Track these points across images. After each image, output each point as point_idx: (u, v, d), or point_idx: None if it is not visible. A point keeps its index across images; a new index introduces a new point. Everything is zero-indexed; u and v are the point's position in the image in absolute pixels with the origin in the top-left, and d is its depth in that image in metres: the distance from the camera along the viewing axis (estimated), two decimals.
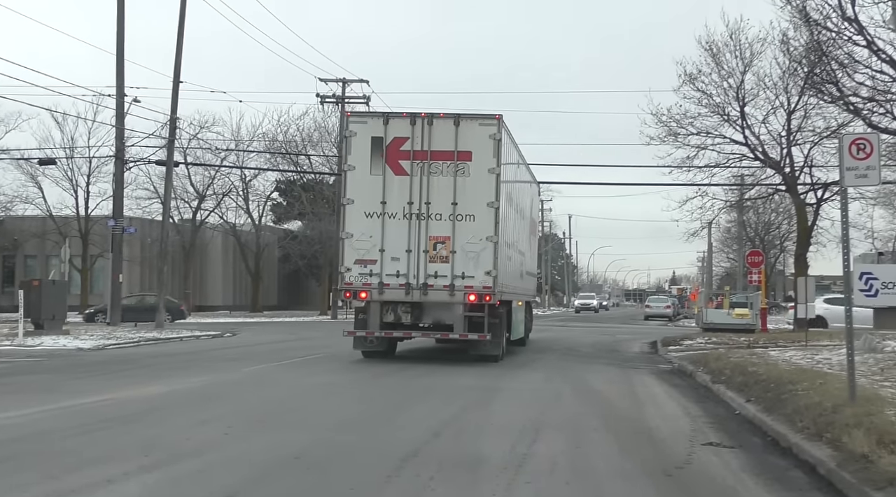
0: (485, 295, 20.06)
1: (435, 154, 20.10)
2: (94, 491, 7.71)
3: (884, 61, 23.57)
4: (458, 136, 20.10)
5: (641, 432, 11.59)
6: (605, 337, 36.53)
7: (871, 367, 16.45)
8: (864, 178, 11.75)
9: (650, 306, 68.82)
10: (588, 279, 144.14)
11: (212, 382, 16.28)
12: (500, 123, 20.23)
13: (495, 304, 20.45)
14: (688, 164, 36.25)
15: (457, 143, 20.10)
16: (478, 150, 20.05)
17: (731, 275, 76.71)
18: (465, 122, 20.23)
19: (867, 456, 8.44)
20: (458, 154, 20.09)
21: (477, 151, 20.05)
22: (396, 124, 20.29)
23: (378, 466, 8.79)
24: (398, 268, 20.02)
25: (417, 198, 20.09)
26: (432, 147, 20.13)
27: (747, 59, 34.52)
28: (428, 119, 20.23)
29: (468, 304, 20.08)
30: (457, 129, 20.10)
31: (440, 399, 14.47)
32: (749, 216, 57.72)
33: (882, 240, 67.14)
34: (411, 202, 19.99)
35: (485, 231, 20.08)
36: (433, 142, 20.12)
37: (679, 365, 21.42)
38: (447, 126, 20.14)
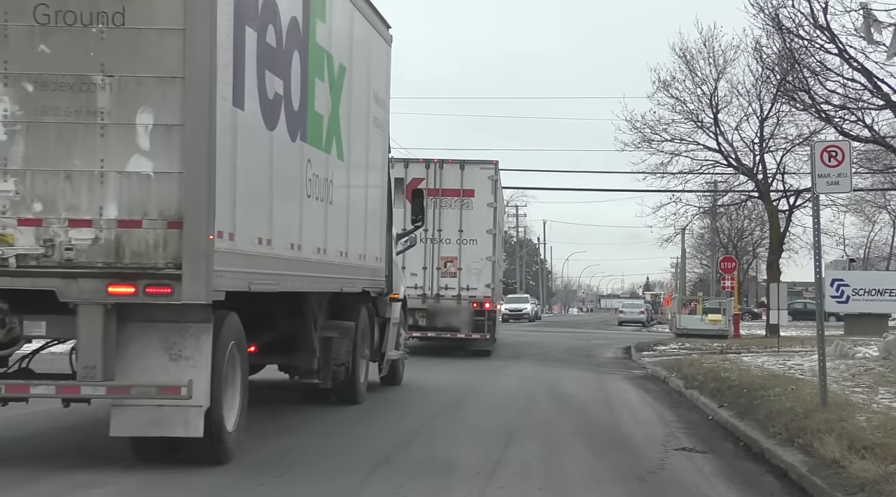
0: (485, 302, 24.59)
1: (445, 191, 24.69)
2: None
3: (855, 69, 23.71)
4: (464, 177, 24.79)
5: (615, 437, 11.61)
6: (580, 342, 36.60)
7: (843, 373, 16.56)
8: (836, 186, 11.84)
9: (624, 312, 68.99)
10: (563, 284, 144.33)
11: None
12: (496, 168, 25.43)
13: (493, 310, 25.02)
14: (661, 171, 36.39)
15: (462, 183, 24.75)
16: (479, 188, 24.80)
17: (704, 281, 77.07)
18: (469, 166, 25.07)
19: (838, 461, 8.49)
20: (464, 191, 24.76)
21: (478, 189, 24.78)
22: (414, 168, 24.84)
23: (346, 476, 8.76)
24: (416, 281, 23.95)
25: (431, 226, 24.10)
26: (443, 186, 24.70)
27: (721, 67, 34.70)
28: (439, 164, 24.93)
29: (472, 310, 24.50)
30: (462, 172, 24.85)
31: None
32: (722, 222, 57.92)
33: (853, 247, 67.71)
34: (426, 229, 23.30)
35: (485, 252, 24.86)
36: (443, 182, 24.76)
37: (652, 370, 21.49)
38: (454, 169, 24.87)
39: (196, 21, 7.92)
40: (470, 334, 24.78)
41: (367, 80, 13.12)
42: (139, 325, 8.12)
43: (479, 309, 24.63)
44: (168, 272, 7.87)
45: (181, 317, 8.09)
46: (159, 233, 7.94)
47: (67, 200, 7.98)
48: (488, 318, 24.95)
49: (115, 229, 7.95)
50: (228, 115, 8.32)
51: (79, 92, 7.96)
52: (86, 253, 7.95)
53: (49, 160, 7.98)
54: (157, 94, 7.98)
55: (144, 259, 7.94)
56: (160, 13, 7.98)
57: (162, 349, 8.13)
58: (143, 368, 8.09)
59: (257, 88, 9.09)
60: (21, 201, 7.96)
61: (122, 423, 8.14)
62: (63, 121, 7.97)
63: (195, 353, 8.13)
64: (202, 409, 8.13)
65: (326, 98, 11.27)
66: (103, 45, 7.97)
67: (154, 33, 7.99)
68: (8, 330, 8.12)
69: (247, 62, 8.79)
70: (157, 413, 8.06)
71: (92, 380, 7.90)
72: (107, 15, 7.95)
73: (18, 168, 8.00)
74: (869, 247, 67.53)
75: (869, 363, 18.60)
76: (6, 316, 8.08)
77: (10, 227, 7.94)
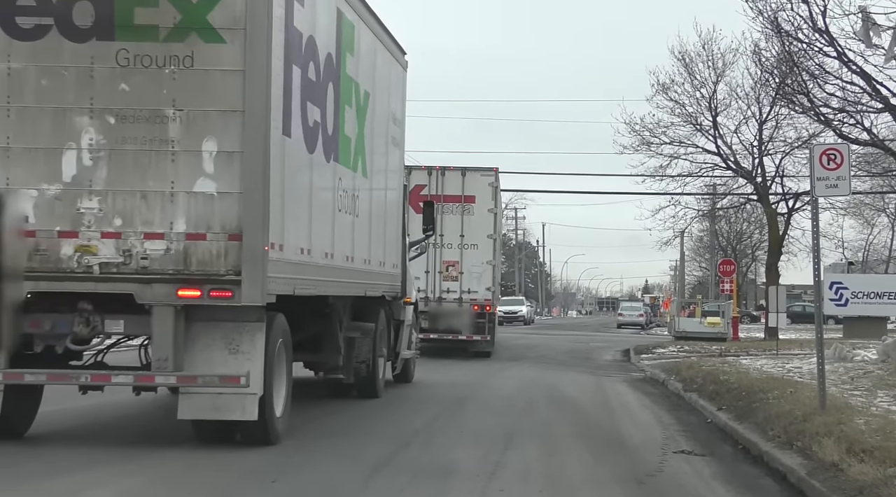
0: (485, 305, 25.35)
1: (447, 197, 25.16)
2: None
3: (854, 72, 23.74)
4: (465, 184, 25.43)
5: (614, 440, 11.62)
6: (579, 345, 36.61)
7: (842, 376, 16.57)
8: (835, 189, 11.85)
9: (623, 314, 68.93)
10: (562, 287, 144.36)
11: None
12: (496, 175, 26.06)
13: (493, 313, 25.85)
14: (660, 174, 36.45)
15: (463, 190, 25.39)
16: (480, 194, 25.46)
17: (703, 283, 77.04)
18: (470, 173, 25.66)
19: (837, 464, 8.50)
20: (465, 197, 25.38)
21: (479, 196, 25.45)
22: (417, 175, 25.16)
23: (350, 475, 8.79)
24: (419, 285, 23.58)
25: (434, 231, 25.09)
26: (445, 192, 25.27)
27: (719, 70, 34.76)
28: (441, 171, 25.55)
29: (473, 313, 25.24)
30: (463, 179, 25.48)
31: (409, 409, 14.41)
32: (721, 225, 57.95)
33: (852, 250, 67.77)
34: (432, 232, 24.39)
35: (485, 256, 25.52)
36: (445, 188, 25.34)
37: (651, 373, 21.50)
38: (456, 176, 25.50)
39: (254, 63, 9.23)
40: (471, 336, 25.45)
41: (387, 103, 14.51)
42: (203, 324, 9.37)
43: (481, 311, 25.44)
44: (229, 278, 9.15)
45: (239, 317, 9.31)
46: (221, 244, 9.21)
47: (143, 216, 9.27)
48: (489, 320, 25.76)
49: (184, 241, 9.23)
50: (279, 143, 9.62)
51: (153, 124, 9.26)
52: (158, 261, 9.23)
53: (127, 182, 9.28)
54: (220, 125, 9.27)
55: (208, 267, 9.21)
56: (224, 57, 9.27)
57: (223, 344, 9.35)
58: (207, 361, 9.31)
59: (301, 117, 10.39)
60: (103, 217, 9.26)
61: (188, 407, 9.36)
62: (139, 148, 9.27)
63: (251, 348, 9.33)
64: (256, 397, 9.33)
65: (354, 122, 12.65)
66: (175, 83, 9.25)
67: (218, 74, 9.29)
68: (92, 327, 9.37)
69: (293, 96, 10.10)
70: (217, 399, 9.27)
71: (165, 370, 9.20)
72: (178, 58, 9.27)
73: (101, 189, 9.28)
74: (868, 250, 67.57)
75: (868, 366, 18.62)
76: (90, 315, 9.31)
77: (95, 239, 9.24)
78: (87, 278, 9.21)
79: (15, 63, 9.31)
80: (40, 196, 9.29)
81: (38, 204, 9.27)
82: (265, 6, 9.22)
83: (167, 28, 9.27)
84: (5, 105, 9.29)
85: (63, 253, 9.25)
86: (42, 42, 9.29)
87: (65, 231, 9.27)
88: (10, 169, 9.29)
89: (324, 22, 11.21)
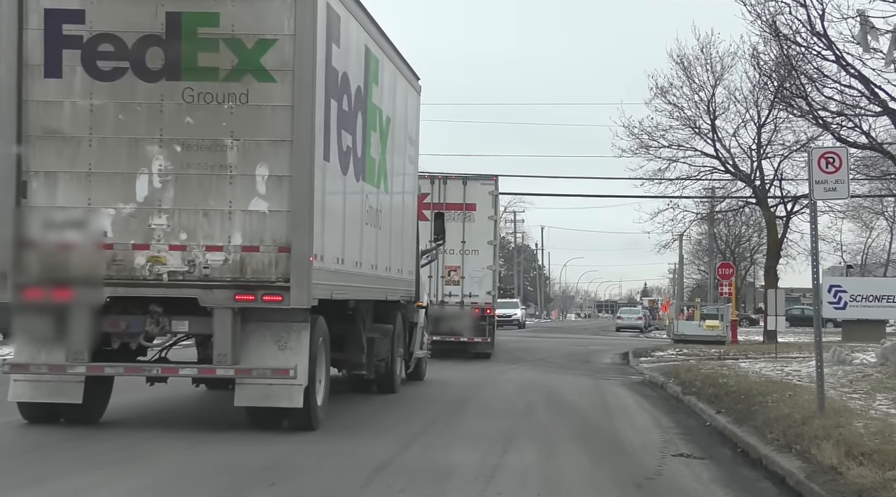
0: (486, 308, 26.42)
1: (449, 205, 25.87)
2: None
3: (852, 76, 23.73)
4: (466, 192, 26.42)
5: (613, 443, 11.62)
6: (578, 348, 36.62)
7: (840, 379, 16.57)
8: (833, 192, 11.87)
9: (622, 318, 68.95)
10: (560, 290, 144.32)
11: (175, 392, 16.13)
12: (496, 183, 27.21)
13: (494, 316, 27.10)
14: (659, 177, 36.38)
15: (465, 198, 26.36)
16: (480, 202, 26.45)
17: (701, 287, 77.08)
18: (471, 182, 26.70)
19: (836, 468, 8.51)
20: (466, 205, 26.35)
21: (480, 203, 26.43)
22: (420, 183, 25.63)
23: None
24: None
25: None
26: (447, 200, 26.03)
27: (718, 73, 34.73)
28: (443, 179, 26.53)
29: (474, 316, 26.13)
30: (465, 187, 26.45)
31: (410, 412, 14.43)
32: (720, 228, 57.96)
33: (851, 253, 67.76)
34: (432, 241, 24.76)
35: (486, 262, 26.56)
36: (447, 196, 26.16)
37: (650, 376, 21.50)
38: (458, 185, 26.43)
39: (300, 99, 10.67)
40: (472, 338, 26.33)
41: (404, 125, 15.99)
42: (257, 324, 10.79)
43: (481, 314, 26.49)
44: (279, 285, 10.56)
45: (287, 318, 10.76)
46: (272, 255, 10.63)
47: (205, 231, 10.70)
48: (489, 323, 26.84)
49: (240, 253, 10.65)
50: (321, 167, 11.04)
51: (214, 151, 10.69)
52: (218, 270, 10.65)
53: (191, 202, 10.71)
54: (272, 152, 10.71)
55: (261, 275, 10.64)
56: (274, 94, 10.73)
57: (273, 342, 10.78)
58: (260, 356, 10.77)
59: (337, 144, 11.82)
60: (171, 232, 10.69)
61: (243, 396, 10.87)
62: (202, 173, 10.69)
63: (297, 345, 10.79)
64: (302, 387, 10.78)
65: (378, 145, 14.11)
66: (233, 117, 10.69)
67: (270, 109, 10.74)
68: (161, 327, 10.83)
69: (331, 125, 11.55)
70: (268, 389, 10.76)
71: (224, 364, 10.63)
72: (235, 95, 10.71)
73: (169, 207, 10.70)
74: (866, 253, 67.58)
75: (866, 369, 18.63)
76: (160, 316, 10.76)
77: (164, 251, 10.67)
78: (157, 285, 10.65)
79: (96, 100, 10.73)
80: (117, 214, 10.72)
81: (116, 221, 10.68)
82: (310, 51, 10.64)
83: (226, 70, 10.69)
84: (87, 136, 10.73)
85: (136, 263, 10.66)
86: (119, 82, 10.71)
87: (138, 244, 10.67)
88: (91, 191, 10.72)
89: (354, 59, 12.65)
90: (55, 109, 10.77)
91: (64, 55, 10.74)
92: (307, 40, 10.70)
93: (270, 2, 10.78)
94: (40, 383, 10.92)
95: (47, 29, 10.73)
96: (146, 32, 10.72)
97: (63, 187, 10.76)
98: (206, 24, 10.71)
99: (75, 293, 10.61)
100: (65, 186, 10.76)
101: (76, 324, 10.65)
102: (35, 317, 10.79)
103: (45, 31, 10.73)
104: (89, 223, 10.72)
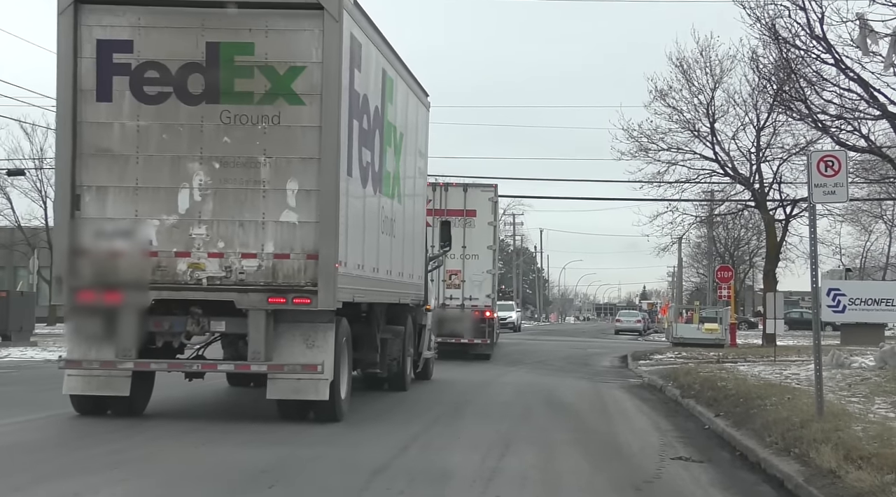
0: (486, 311, 27.28)
1: (450, 211, 26.68)
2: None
3: (851, 79, 23.77)
4: (467, 199, 27.41)
5: (611, 446, 11.62)
6: (577, 351, 36.62)
7: (839, 382, 16.57)
8: (832, 195, 11.87)
9: (621, 320, 68.96)
10: (559, 293, 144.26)
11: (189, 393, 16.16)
12: (495, 190, 28.24)
13: (493, 318, 27.84)
14: (658, 180, 36.37)
15: (465, 204, 27.33)
16: (480, 208, 27.40)
17: (700, 290, 77.09)
18: (471, 189, 28.01)
19: (835, 471, 8.51)
20: (467, 211, 27.28)
21: (480, 210, 27.38)
22: None
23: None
24: None
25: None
26: (448, 206, 26.87)
27: (717, 76, 34.75)
28: (444, 187, 27.63)
29: (474, 318, 26.98)
30: (465, 194, 27.52)
31: (411, 414, 14.44)
32: (719, 232, 58.00)
33: (850, 256, 67.79)
34: (433, 245, 25.00)
35: (485, 266, 27.50)
36: (448, 203, 27.05)
37: (649, 379, 21.50)
38: (458, 192, 27.55)
39: (327, 121, 11.74)
40: (472, 340, 27.17)
41: (415, 140, 17.15)
42: (287, 324, 11.85)
43: (481, 317, 27.35)
44: (308, 289, 11.62)
45: (315, 318, 11.86)
46: (301, 262, 11.70)
47: (240, 240, 11.76)
48: (489, 325, 27.66)
49: (272, 260, 11.71)
50: (345, 181, 12.16)
51: (249, 168, 11.77)
52: (253, 276, 11.70)
53: (228, 213, 11.79)
54: (301, 169, 11.78)
55: (292, 280, 11.69)
56: (304, 116, 11.81)
57: (302, 340, 11.86)
58: (290, 353, 11.82)
59: (358, 160, 12.97)
60: (210, 241, 11.75)
61: (275, 390, 11.90)
62: (238, 187, 11.78)
63: (324, 343, 11.88)
64: (328, 381, 11.87)
65: (392, 159, 15.25)
66: (266, 137, 11.76)
67: (299, 129, 11.82)
68: (201, 327, 11.96)
69: (353, 143, 12.67)
70: (297, 384, 11.80)
71: (258, 360, 11.70)
72: (268, 117, 11.78)
73: (208, 219, 11.75)
74: (865, 256, 67.60)
75: (865, 373, 18.61)
76: (200, 317, 11.87)
77: (203, 258, 11.74)
78: (197, 288, 11.70)
79: (142, 122, 11.82)
80: (161, 225, 11.79)
81: (160, 231, 11.75)
82: (336, 77, 11.73)
83: (260, 94, 11.76)
84: (135, 154, 11.81)
85: (179, 269, 11.73)
86: (163, 105, 11.80)
87: (180, 252, 11.72)
88: (138, 204, 11.81)
89: (373, 81, 13.74)
90: (106, 130, 11.87)
91: (114, 81, 11.88)
92: (333, 67, 11.74)
93: (300, 32, 11.81)
94: (91, 378, 12.03)
95: (99, 57, 11.84)
96: (188, 60, 11.82)
97: (112, 200, 11.85)
98: (242, 53, 11.83)
99: (124, 296, 11.72)
100: (114, 200, 11.85)
101: (124, 324, 11.75)
102: (87, 318, 11.94)
103: (98, 59, 11.84)
104: (136, 233, 11.83)
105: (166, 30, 11.91)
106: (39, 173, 55.91)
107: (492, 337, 28.31)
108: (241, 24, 11.89)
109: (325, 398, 11.87)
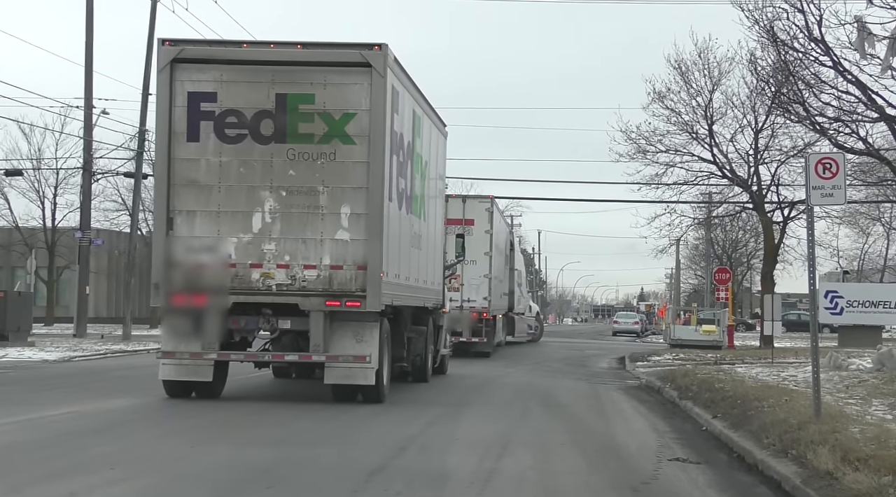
0: (482, 312, 29.32)
1: (450, 220, 27.36)
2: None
3: (849, 82, 23.80)
4: (465, 209, 29.55)
5: (609, 448, 11.62)
6: (574, 352, 36.62)
7: (837, 384, 16.58)
8: (830, 198, 11.88)
9: (618, 322, 68.97)
10: (557, 294, 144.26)
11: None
12: (492, 201, 30.76)
13: (490, 319, 29.79)
14: (656, 182, 36.37)
15: (464, 214, 29.41)
16: (478, 218, 29.66)
17: (698, 292, 77.13)
18: (469, 200, 30.55)
19: (832, 473, 8.51)
20: (465, 221, 29.34)
21: (477, 219, 29.63)
22: None
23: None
24: None
25: None
26: (448, 216, 27.41)
27: (715, 78, 34.75)
28: (444, 198, 28.34)
29: (472, 318, 28.84)
30: (464, 205, 29.71)
31: (406, 416, 14.45)
32: (717, 234, 58.06)
33: (847, 258, 67.83)
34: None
35: (482, 271, 29.51)
36: (448, 213, 27.53)
37: (647, 381, 21.50)
38: (457, 203, 29.53)
39: (374, 157, 14.33)
40: (470, 338, 28.93)
41: (436, 166, 19.66)
42: (341, 323, 14.42)
43: (479, 317, 29.21)
44: (358, 294, 14.16)
45: (363, 318, 14.42)
46: (352, 272, 14.25)
47: (303, 254, 14.30)
48: (486, 325, 29.56)
49: (329, 270, 14.26)
50: (387, 206, 14.67)
51: (310, 196, 14.33)
52: (313, 283, 14.25)
53: (293, 232, 14.35)
54: (352, 196, 14.33)
55: (345, 287, 14.24)
56: (355, 153, 14.36)
57: (352, 336, 14.45)
58: (343, 346, 14.41)
59: (396, 187, 15.45)
60: (278, 255, 14.31)
61: (331, 376, 14.47)
62: (301, 211, 14.34)
63: (370, 338, 14.49)
64: (374, 369, 14.49)
65: (420, 183, 17.70)
66: (324, 170, 14.33)
67: (351, 164, 14.37)
68: (271, 325, 14.63)
69: (393, 174, 15.14)
70: (348, 371, 14.41)
71: (318, 352, 14.30)
72: (326, 154, 14.35)
73: (277, 237, 14.32)
74: (863, 259, 67.65)
75: (863, 375, 18.63)
76: (270, 317, 14.52)
77: (273, 269, 14.31)
78: (267, 293, 14.27)
79: (224, 158, 14.39)
80: (238, 241, 14.33)
81: (237, 247, 14.28)
82: (381, 121, 14.28)
83: (319, 135, 14.32)
84: (217, 184, 14.35)
85: (253, 277, 14.27)
86: (241, 145, 14.35)
87: (254, 263, 14.26)
88: (220, 225, 14.37)
89: (407, 121, 16.17)
90: (194, 165, 14.38)
91: (201, 125, 14.38)
92: (379, 113, 14.27)
93: (352, 85, 14.32)
94: (181, 366, 14.58)
95: (189, 106, 14.39)
96: (261, 108, 14.37)
97: (199, 222, 14.37)
98: (304, 102, 14.35)
99: (209, 300, 14.28)
100: (200, 221, 14.36)
101: (209, 322, 14.32)
102: (179, 317, 14.57)
103: (188, 107, 14.39)
104: (218, 248, 14.31)
105: (243, 83, 14.46)
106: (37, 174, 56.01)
107: (489, 336, 29.78)
108: (304, 78, 14.42)
109: (372, 383, 14.43)
